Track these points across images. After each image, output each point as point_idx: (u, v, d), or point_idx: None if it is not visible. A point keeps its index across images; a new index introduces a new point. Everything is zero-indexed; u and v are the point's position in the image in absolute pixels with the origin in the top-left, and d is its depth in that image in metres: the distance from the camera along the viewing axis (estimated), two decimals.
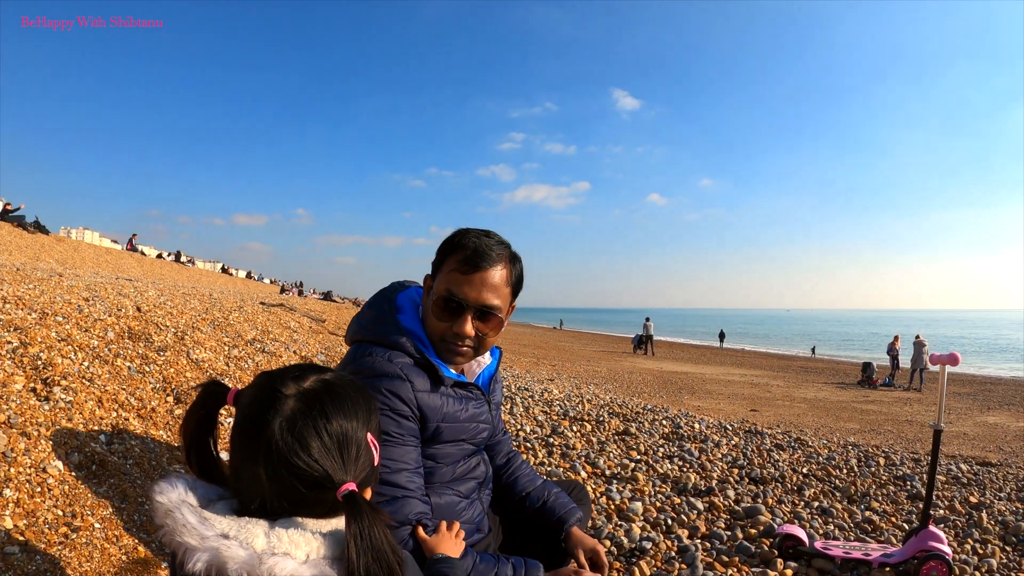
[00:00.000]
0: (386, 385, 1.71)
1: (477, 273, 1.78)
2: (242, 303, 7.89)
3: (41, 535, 1.98)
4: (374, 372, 1.73)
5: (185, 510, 1.04)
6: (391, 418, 1.70)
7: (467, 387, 1.92)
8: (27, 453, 2.24)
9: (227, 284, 30.00)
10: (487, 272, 1.79)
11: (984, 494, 4.71)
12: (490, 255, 1.79)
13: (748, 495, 4.20)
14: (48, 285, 4.46)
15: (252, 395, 1.17)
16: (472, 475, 1.99)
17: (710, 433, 6.17)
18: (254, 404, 1.15)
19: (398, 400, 1.72)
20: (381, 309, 1.90)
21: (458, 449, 1.92)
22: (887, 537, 3.62)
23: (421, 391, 1.76)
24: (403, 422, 1.73)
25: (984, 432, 11.02)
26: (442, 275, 1.82)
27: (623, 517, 3.56)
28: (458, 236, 1.83)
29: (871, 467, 5.29)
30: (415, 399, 1.75)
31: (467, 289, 1.77)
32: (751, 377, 21.34)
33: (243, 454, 1.13)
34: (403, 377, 1.74)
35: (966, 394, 18.56)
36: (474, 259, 1.78)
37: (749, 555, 3.18)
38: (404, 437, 1.73)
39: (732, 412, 11.31)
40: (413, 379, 1.75)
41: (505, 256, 1.84)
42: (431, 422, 1.79)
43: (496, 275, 1.81)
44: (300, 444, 1.09)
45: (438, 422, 1.81)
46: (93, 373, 3.04)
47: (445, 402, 1.83)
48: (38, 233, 24.14)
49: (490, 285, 1.79)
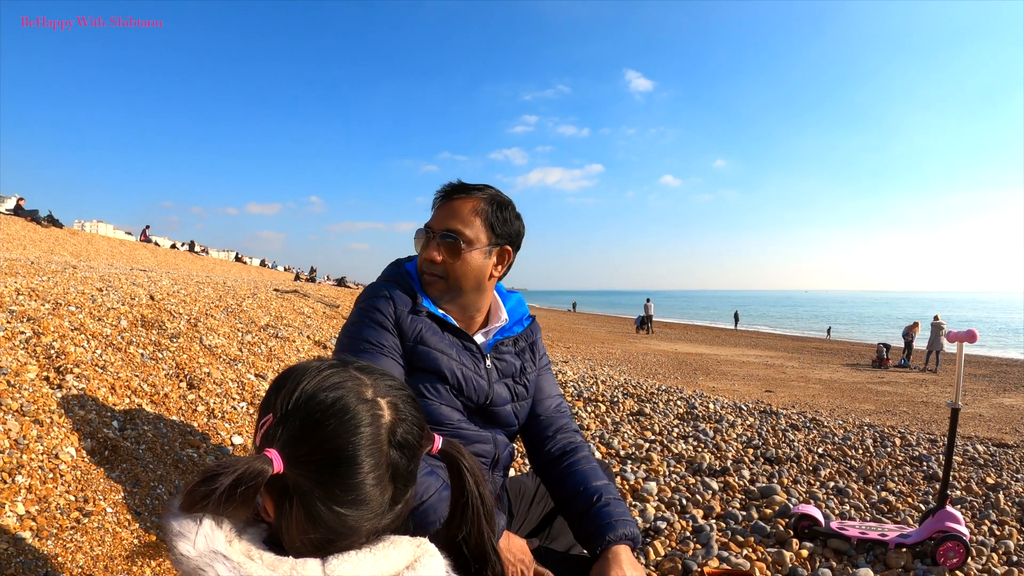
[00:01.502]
0: (370, 301, 1.86)
1: (445, 203, 1.92)
2: (255, 290, 7.91)
3: (53, 520, 1.99)
4: (365, 295, 1.91)
5: (220, 567, 0.85)
6: (370, 327, 1.82)
7: (459, 335, 1.93)
8: (39, 440, 2.25)
9: (241, 272, 30.17)
10: (453, 202, 1.91)
11: (1001, 475, 4.66)
12: (462, 188, 1.93)
13: (763, 475, 4.18)
14: (62, 277, 4.48)
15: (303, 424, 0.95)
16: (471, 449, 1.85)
17: (725, 413, 6.14)
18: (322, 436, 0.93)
19: (378, 312, 1.84)
20: (393, 263, 2.05)
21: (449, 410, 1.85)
22: (903, 518, 3.59)
23: (401, 308, 1.86)
24: (384, 333, 1.82)
25: (1001, 414, 10.93)
26: None
27: (637, 497, 3.55)
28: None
29: (887, 447, 5.25)
30: (394, 314, 1.84)
31: (433, 218, 1.93)
32: (766, 358, 21.26)
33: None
34: (387, 296, 1.86)
35: (982, 375, 18.41)
36: (444, 190, 1.94)
37: (764, 535, 3.16)
38: (383, 347, 1.80)
39: (747, 393, 11.28)
40: (396, 300, 1.86)
41: (481, 196, 1.93)
42: (408, 340, 1.85)
43: (464, 206, 1.91)
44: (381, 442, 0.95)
45: (415, 343, 1.85)
46: (106, 361, 3.05)
47: (423, 328, 1.87)
48: (52, 227, 24.34)
49: (455, 213, 1.90)
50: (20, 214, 23.72)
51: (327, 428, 0.91)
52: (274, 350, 4.75)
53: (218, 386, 3.47)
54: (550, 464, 1.99)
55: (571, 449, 2.01)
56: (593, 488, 1.87)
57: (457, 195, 1.91)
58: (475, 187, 1.94)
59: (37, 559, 1.84)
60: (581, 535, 1.83)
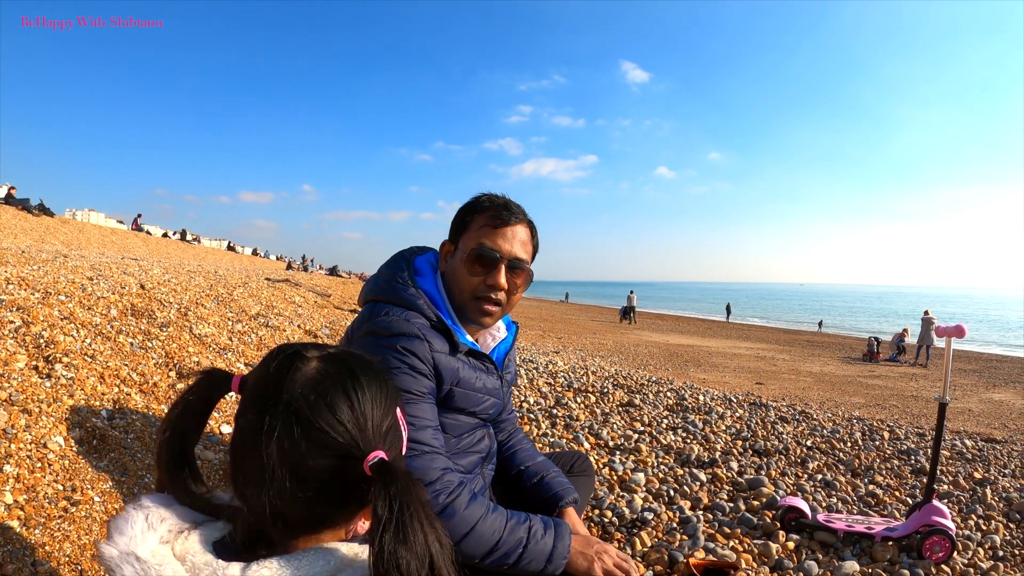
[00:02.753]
0: (404, 343, 1.71)
1: (508, 227, 1.84)
2: (247, 279, 7.90)
3: (41, 509, 1.99)
4: (391, 331, 1.73)
5: (128, 569, 0.85)
6: (410, 375, 1.70)
7: (481, 358, 1.93)
8: (28, 429, 2.24)
9: (233, 261, 30.06)
10: (516, 226, 1.86)
11: (988, 470, 4.70)
12: (518, 211, 1.87)
13: (751, 467, 4.21)
14: (52, 266, 4.46)
15: (265, 364, 0.97)
16: (475, 448, 1.98)
17: (714, 405, 6.17)
18: (269, 371, 0.95)
19: (416, 358, 1.71)
20: (399, 269, 1.91)
21: (466, 420, 1.92)
22: (890, 511, 3.62)
23: (439, 352, 1.77)
24: (422, 379, 1.73)
25: (989, 409, 11.01)
26: (471, 233, 1.85)
27: (625, 488, 3.57)
28: (483, 197, 1.89)
29: (875, 441, 5.28)
30: (432, 359, 1.75)
31: (500, 241, 1.82)
32: (757, 351, 21.34)
33: (250, 437, 0.91)
34: (421, 336, 1.74)
35: (972, 371, 18.54)
36: (505, 214, 1.84)
37: (751, 527, 3.18)
38: (424, 395, 1.73)
39: (737, 385, 11.32)
40: (431, 339, 1.76)
41: (527, 217, 1.92)
42: (446, 384, 1.80)
43: (523, 231, 1.88)
44: (327, 404, 0.91)
45: (452, 385, 1.81)
46: (95, 350, 3.05)
47: (460, 366, 1.83)
48: (43, 216, 24.19)
49: (519, 239, 1.86)
50: (11, 203, 23.54)
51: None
52: (264, 339, 4.75)
53: None
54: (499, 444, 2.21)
55: (513, 430, 2.27)
56: (540, 463, 2.18)
57: (518, 219, 1.87)
58: (523, 210, 1.91)
59: (24, 548, 1.84)
60: (536, 500, 2.07)
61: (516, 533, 1.67)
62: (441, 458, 1.70)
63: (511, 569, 1.67)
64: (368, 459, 0.90)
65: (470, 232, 1.86)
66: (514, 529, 1.67)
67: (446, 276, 1.93)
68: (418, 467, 1.64)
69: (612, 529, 3.04)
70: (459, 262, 1.86)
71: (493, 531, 1.64)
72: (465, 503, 1.65)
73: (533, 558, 1.67)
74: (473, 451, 1.97)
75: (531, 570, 1.67)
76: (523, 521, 1.71)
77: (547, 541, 1.69)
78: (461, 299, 1.87)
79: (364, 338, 1.77)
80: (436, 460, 1.67)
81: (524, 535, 1.67)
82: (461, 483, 1.69)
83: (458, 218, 1.92)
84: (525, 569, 1.67)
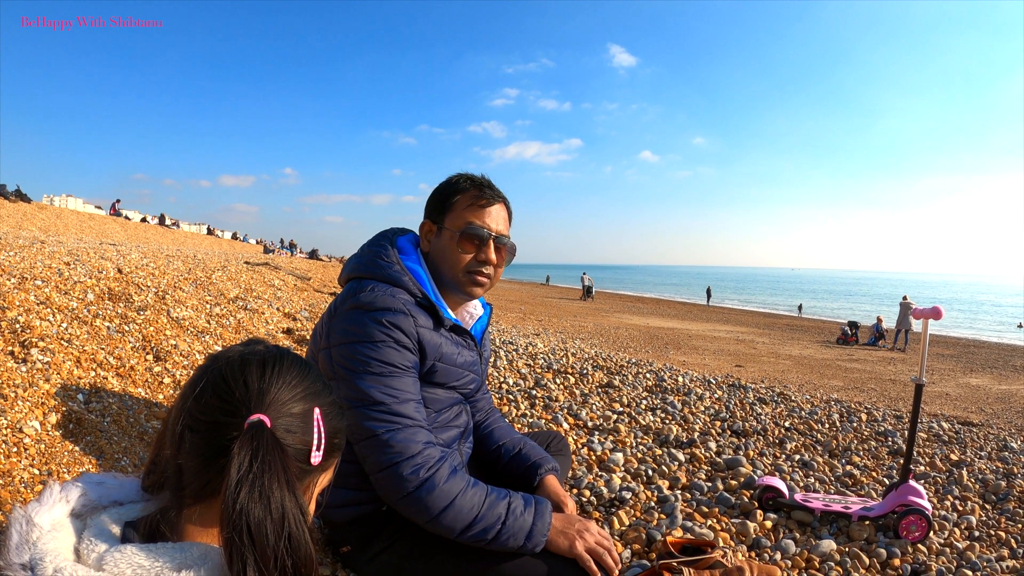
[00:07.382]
0: (389, 318, 1.75)
1: (493, 206, 1.97)
2: (226, 263, 7.84)
3: (17, 494, 1.97)
4: (376, 306, 1.77)
5: (15, 527, 0.86)
6: (395, 349, 1.75)
7: (462, 334, 1.99)
8: (3, 414, 2.22)
9: (212, 246, 29.80)
10: (499, 205, 1.99)
11: (965, 452, 4.75)
12: (497, 191, 2.01)
13: (730, 447, 4.24)
14: (29, 252, 4.40)
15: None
16: (454, 423, 2.02)
17: (693, 386, 6.21)
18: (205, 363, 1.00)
19: (401, 332, 1.76)
20: (382, 247, 1.94)
21: (446, 395, 1.96)
22: (867, 491, 3.66)
23: (423, 327, 1.82)
24: (406, 353, 1.77)
25: (966, 393, 11.17)
26: (456, 213, 1.94)
27: (604, 468, 3.59)
28: (463, 178, 1.99)
29: (853, 423, 5.34)
30: (416, 333, 1.80)
31: (488, 220, 1.94)
32: (737, 334, 21.51)
33: (179, 401, 0.97)
34: (406, 312, 1.78)
35: (950, 356, 18.81)
36: (489, 193, 1.97)
37: (729, 506, 3.21)
38: (408, 369, 1.77)
39: (717, 367, 11.42)
40: (415, 315, 1.80)
41: (504, 195, 2.03)
42: (429, 359, 1.84)
43: (503, 209, 2.02)
44: (241, 368, 0.95)
45: (435, 360, 1.86)
46: (71, 334, 3.01)
47: (443, 342, 1.88)
48: (20, 202, 23.84)
49: (502, 217, 2.00)
50: None
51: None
52: (243, 322, 4.72)
53: (185, 358, 3.45)
54: (476, 424, 2.29)
55: (489, 409, 2.36)
56: (518, 439, 2.28)
57: (500, 199, 2.00)
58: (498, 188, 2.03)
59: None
60: (515, 472, 2.17)
61: (495, 509, 1.68)
62: (423, 431, 1.72)
63: (489, 545, 1.68)
64: (250, 418, 0.91)
65: (455, 212, 1.93)
66: (493, 505, 1.69)
67: (430, 255, 1.98)
68: (400, 440, 1.66)
69: (591, 508, 3.06)
70: (448, 241, 1.93)
71: (472, 506, 1.66)
72: (445, 476, 1.67)
73: (512, 535, 1.68)
74: (452, 426, 2.01)
75: (510, 547, 1.69)
76: (503, 497, 1.72)
77: (527, 518, 1.71)
78: (452, 275, 1.93)
79: (349, 312, 1.79)
80: (418, 433, 1.69)
81: (503, 511, 1.69)
82: (442, 457, 1.71)
83: (439, 199, 1.97)
84: (504, 545, 1.68)
